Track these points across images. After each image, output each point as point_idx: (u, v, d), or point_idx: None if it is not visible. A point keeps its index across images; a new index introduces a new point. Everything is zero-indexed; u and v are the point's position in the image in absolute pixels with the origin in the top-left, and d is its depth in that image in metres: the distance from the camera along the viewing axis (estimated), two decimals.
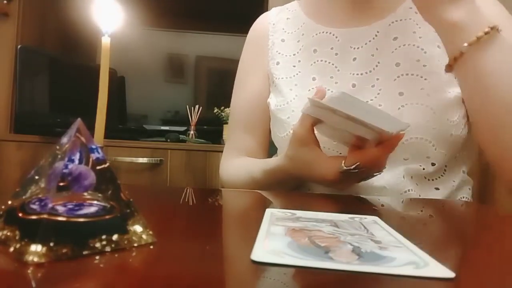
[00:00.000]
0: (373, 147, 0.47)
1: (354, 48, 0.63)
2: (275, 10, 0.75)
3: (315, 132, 0.52)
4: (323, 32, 0.66)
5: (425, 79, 0.57)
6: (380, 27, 0.62)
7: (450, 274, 0.20)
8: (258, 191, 0.56)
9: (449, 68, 0.51)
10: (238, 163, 0.71)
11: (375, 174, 0.51)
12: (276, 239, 0.25)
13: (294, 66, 0.67)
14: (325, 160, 0.50)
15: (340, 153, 0.57)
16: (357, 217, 0.33)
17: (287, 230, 0.27)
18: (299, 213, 0.34)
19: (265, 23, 0.74)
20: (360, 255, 0.22)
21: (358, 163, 0.46)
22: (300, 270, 0.20)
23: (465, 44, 0.48)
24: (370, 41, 0.62)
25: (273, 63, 0.70)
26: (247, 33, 0.78)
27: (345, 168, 0.47)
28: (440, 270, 0.20)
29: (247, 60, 0.77)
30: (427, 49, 0.59)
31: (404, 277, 0.19)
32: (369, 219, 0.32)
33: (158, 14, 1.76)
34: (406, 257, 0.22)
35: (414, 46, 0.59)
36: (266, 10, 0.79)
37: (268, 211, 0.34)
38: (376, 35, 0.62)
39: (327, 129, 0.51)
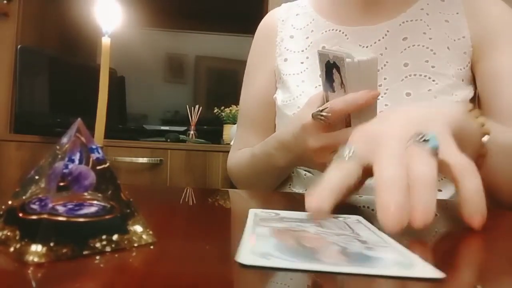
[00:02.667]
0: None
1: (363, 47, 0.62)
2: (285, 6, 0.75)
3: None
4: (332, 30, 0.66)
5: (433, 80, 0.57)
6: (390, 27, 0.62)
7: (439, 274, 0.19)
8: (260, 191, 0.56)
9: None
10: (243, 150, 0.73)
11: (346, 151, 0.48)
12: (262, 241, 0.24)
13: (302, 63, 0.67)
14: (310, 108, 0.50)
15: None
16: (340, 216, 0.32)
17: (272, 231, 0.27)
18: (283, 213, 0.33)
19: (274, 19, 0.74)
20: (347, 256, 0.22)
21: (327, 106, 0.45)
22: (289, 272, 0.20)
23: (485, 138, 0.42)
24: (379, 40, 0.62)
25: (281, 60, 0.70)
26: (247, 33, 0.78)
27: (316, 111, 0.46)
28: (428, 271, 0.20)
29: (255, 57, 0.77)
30: (437, 50, 0.59)
31: (392, 278, 0.19)
32: (352, 218, 0.32)
33: (158, 14, 1.76)
34: (393, 257, 0.22)
35: (424, 47, 0.59)
36: (266, 10, 0.79)
37: (252, 211, 0.33)
38: (385, 35, 0.62)
39: None
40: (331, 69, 0.47)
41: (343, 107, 0.44)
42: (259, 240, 0.25)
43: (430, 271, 0.20)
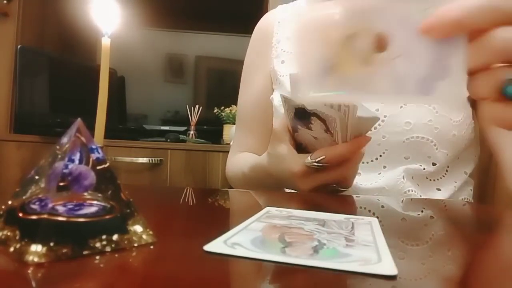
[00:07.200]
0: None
1: None
2: (281, 8, 0.76)
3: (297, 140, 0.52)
4: None
5: None
6: None
7: (392, 271, 0.19)
8: (263, 190, 0.56)
9: None
10: (236, 159, 0.73)
11: (341, 188, 0.49)
12: (246, 234, 0.25)
13: None
14: (294, 154, 0.50)
15: None
16: (354, 217, 0.32)
17: (265, 226, 0.27)
18: (296, 212, 0.33)
19: (270, 21, 0.75)
20: (317, 251, 0.22)
21: (323, 157, 0.45)
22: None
23: None
24: None
25: (278, 61, 0.70)
26: (246, 33, 0.78)
27: (310, 160, 0.46)
28: (384, 268, 0.20)
29: (251, 59, 0.77)
30: None
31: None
32: (366, 220, 0.31)
33: (158, 14, 1.76)
34: (362, 254, 0.22)
35: None
36: (266, 10, 0.79)
37: (266, 209, 0.33)
38: None
39: (307, 137, 0.51)
40: (307, 114, 0.46)
41: (341, 158, 0.46)
42: (244, 233, 0.25)
43: (385, 269, 0.20)
